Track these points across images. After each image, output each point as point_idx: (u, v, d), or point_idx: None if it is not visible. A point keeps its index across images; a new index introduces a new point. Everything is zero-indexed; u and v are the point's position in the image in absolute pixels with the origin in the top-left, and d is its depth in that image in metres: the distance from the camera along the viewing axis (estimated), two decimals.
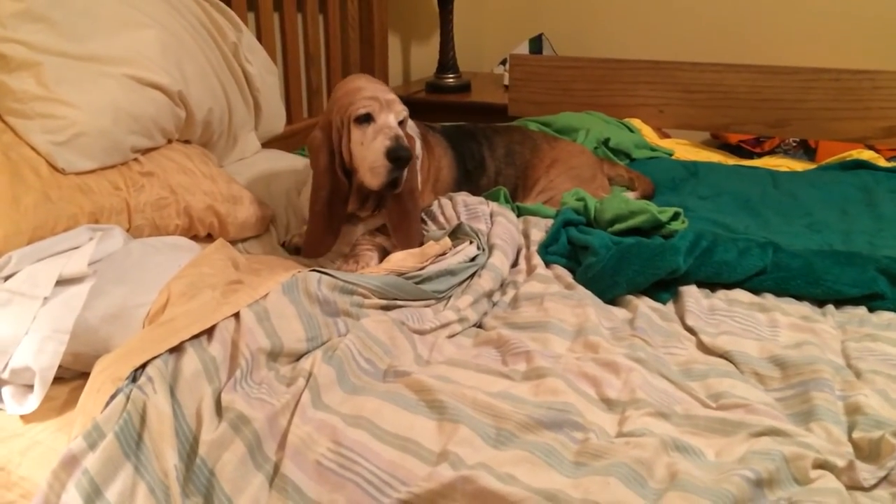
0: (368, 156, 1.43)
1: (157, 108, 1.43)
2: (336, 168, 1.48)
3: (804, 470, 0.90)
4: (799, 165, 2.27)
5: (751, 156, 2.60)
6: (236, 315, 1.09)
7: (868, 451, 0.97)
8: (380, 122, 1.45)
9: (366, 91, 1.48)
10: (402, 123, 1.49)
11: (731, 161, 2.34)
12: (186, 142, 1.57)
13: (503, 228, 1.54)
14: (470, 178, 1.80)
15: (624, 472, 0.87)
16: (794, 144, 2.97)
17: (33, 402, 1.09)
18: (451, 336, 1.25)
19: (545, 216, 1.69)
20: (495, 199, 1.76)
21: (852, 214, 1.83)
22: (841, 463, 0.92)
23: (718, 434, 0.97)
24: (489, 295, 1.36)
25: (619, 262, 1.39)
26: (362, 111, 1.45)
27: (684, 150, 2.40)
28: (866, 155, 2.14)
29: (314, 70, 2.49)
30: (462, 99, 2.90)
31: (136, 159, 1.38)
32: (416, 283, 1.31)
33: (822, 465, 0.92)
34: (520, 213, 1.75)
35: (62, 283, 1.15)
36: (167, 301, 1.18)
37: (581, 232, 1.52)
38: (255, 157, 1.90)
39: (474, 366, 1.12)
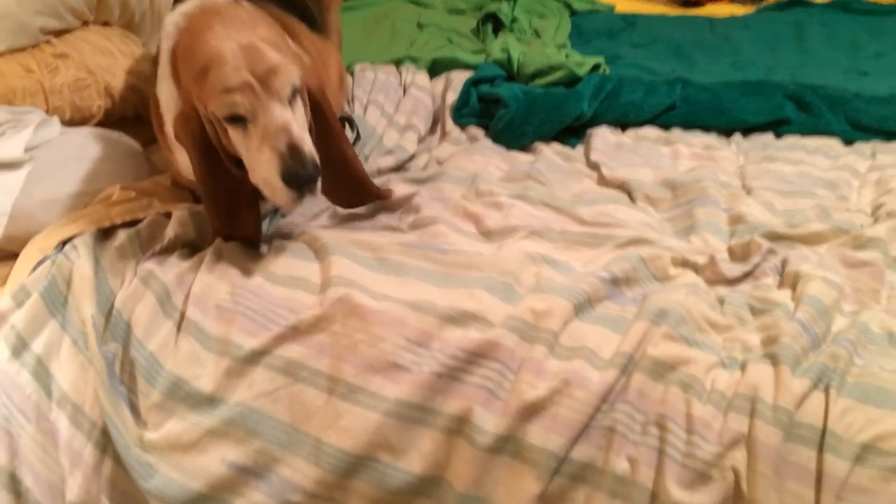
0: (258, 170, 0.99)
1: None
2: (224, 162, 1.03)
3: (663, 269, 0.98)
4: (741, 10, 2.26)
5: (697, 5, 2.57)
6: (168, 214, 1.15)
7: (741, 254, 1.05)
8: (261, 121, 0.96)
9: (230, 70, 0.94)
10: (293, 95, 0.99)
11: (675, 12, 2.33)
12: (105, 24, 1.58)
13: (413, 102, 1.54)
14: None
15: (490, 283, 0.94)
16: None
17: None
18: None
19: None
20: None
21: (780, 50, 1.85)
22: (702, 260, 0.99)
23: (587, 247, 1.04)
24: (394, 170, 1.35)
25: (526, 112, 1.43)
26: (231, 111, 0.96)
27: (628, 4, 2.39)
28: None
29: None
30: None
31: (48, 41, 1.40)
32: None
33: (683, 263, 0.99)
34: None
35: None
36: (110, 196, 1.24)
37: (494, 87, 1.55)
38: None
39: (370, 226, 1.17)
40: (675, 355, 0.84)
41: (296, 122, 0.98)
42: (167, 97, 1.11)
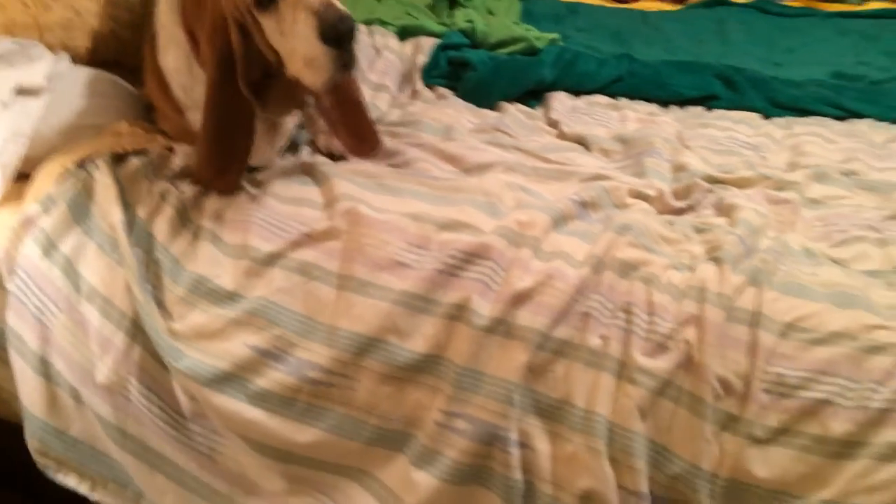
0: (298, 47, 1.03)
1: None
2: (238, 80, 1.07)
3: (621, 198, 1.16)
4: (669, 7, 2.50)
5: (630, 1, 2.81)
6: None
7: (683, 193, 1.24)
8: None
9: None
10: None
11: (611, 5, 2.55)
12: None
13: (385, 63, 1.66)
14: None
15: (478, 202, 1.11)
16: None
17: None
18: None
19: None
20: None
21: (706, 42, 2.07)
22: (653, 193, 1.18)
23: (556, 180, 1.22)
24: None
25: (494, 74, 1.59)
26: None
27: None
28: None
29: None
30: None
31: None
32: None
33: (637, 195, 1.18)
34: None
35: (21, 93, 1.28)
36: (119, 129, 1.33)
37: (461, 52, 1.71)
38: None
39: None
40: (637, 258, 1.02)
41: None
42: (174, 61, 1.21)
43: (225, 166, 1.14)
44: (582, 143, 1.43)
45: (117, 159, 1.22)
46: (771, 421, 0.90)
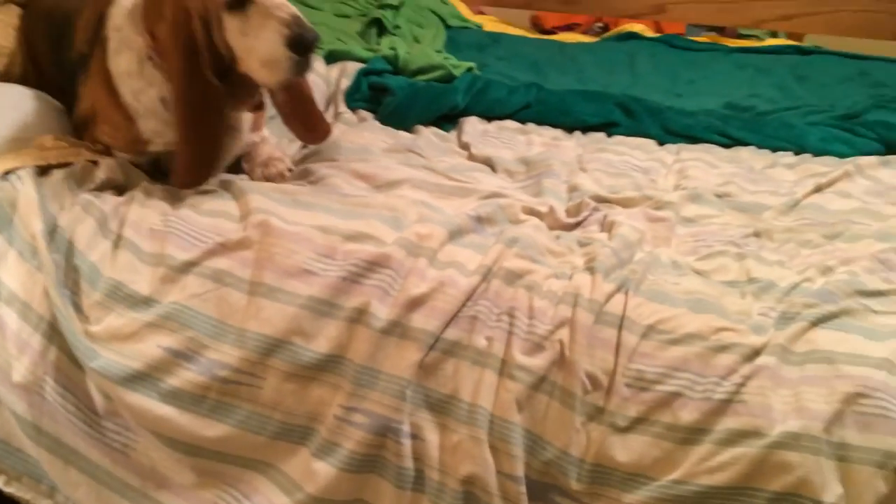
0: (259, 47, 1.16)
1: None
2: (204, 69, 1.18)
3: (515, 214, 1.28)
4: (586, 39, 2.66)
5: (551, 33, 2.96)
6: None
7: (574, 211, 1.36)
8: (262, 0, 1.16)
9: None
10: None
11: (533, 36, 2.70)
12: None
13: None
14: None
15: (383, 216, 1.21)
16: (599, 28, 3.37)
17: None
18: None
19: None
20: None
21: (616, 73, 2.22)
22: (544, 209, 1.30)
23: (457, 196, 1.33)
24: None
25: (410, 100, 1.70)
26: None
27: (494, 25, 2.73)
28: (637, 28, 2.55)
29: None
30: None
31: None
32: None
33: (530, 211, 1.30)
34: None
35: None
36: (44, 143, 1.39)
37: (382, 78, 1.82)
38: None
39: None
40: (522, 268, 1.12)
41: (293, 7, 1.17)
42: (126, 64, 1.29)
43: (205, 156, 1.25)
44: (489, 164, 1.54)
45: (41, 172, 1.29)
46: (631, 412, 1.01)
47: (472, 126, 1.69)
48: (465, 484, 1.02)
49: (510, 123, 1.75)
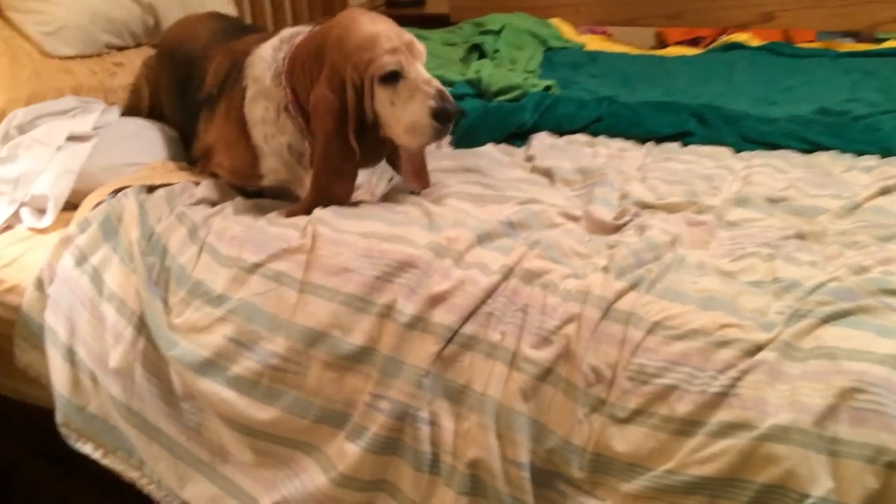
0: (405, 116, 1.33)
1: (129, 14, 1.86)
2: (348, 133, 1.35)
3: (550, 219, 1.34)
4: (692, 52, 2.64)
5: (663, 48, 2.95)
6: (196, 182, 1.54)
7: (618, 216, 1.40)
8: (411, 76, 1.32)
9: (383, 40, 1.32)
10: None
11: (635, 52, 2.71)
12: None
13: None
14: None
15: (421, 222, 1.31)
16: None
17: (48, 219, 1.55)
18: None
19: None
20: None
21: (711, 83, 2.20)
22: (579, 213, 1.36)
23: (496, 203, 1.41)
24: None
25: (482, 120, 1.81)
26: (389, 68, 1.31)
27: (599, 43, 2.78)
28: (742, 38, 2.50)
29: None
30: (417, 11, 3.28)
31: (109, 53, 1.83)
32: None
33: (566, 216, 1.36)
34: None
35: (72, 139, 1.61)
36: (154, 167, 1.63)
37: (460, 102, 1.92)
38: None
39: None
40: (541, 268, 1.19)
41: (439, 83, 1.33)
42: (263, 112, 1.49)
43: (328, 201, 1.39)
44: (548, 174, 1.61)
45: (148, 190, 1.52)
46: (630, 404, 1.04)
47: (541, 141, 1.77)
48: (471, 468, 1.10)
49: (580, 137, 1.80)
